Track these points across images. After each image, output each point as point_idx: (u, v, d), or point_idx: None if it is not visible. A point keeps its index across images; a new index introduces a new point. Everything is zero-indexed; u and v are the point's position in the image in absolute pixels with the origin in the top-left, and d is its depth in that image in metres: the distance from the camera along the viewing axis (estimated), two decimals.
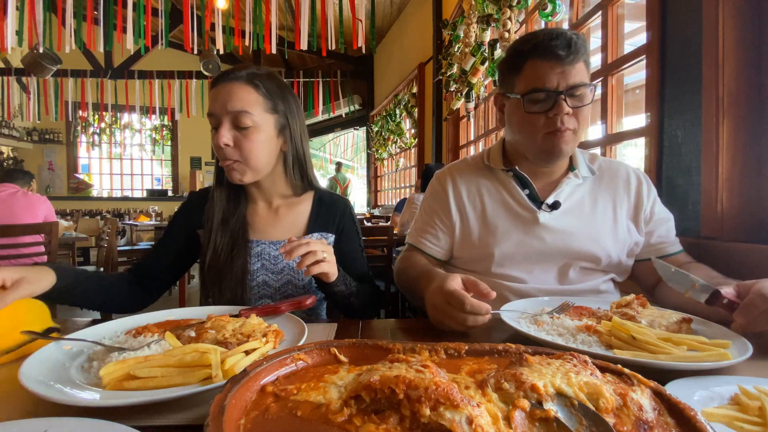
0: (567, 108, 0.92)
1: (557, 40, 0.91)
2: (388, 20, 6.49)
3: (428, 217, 1.15)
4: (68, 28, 3.64)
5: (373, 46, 3.86)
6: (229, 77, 0.98)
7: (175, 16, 4.75)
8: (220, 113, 0.97)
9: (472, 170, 1.14)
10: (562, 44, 0.91)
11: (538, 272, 1.04)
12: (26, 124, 7.80)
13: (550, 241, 1.02)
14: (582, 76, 0.94)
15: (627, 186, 1.08)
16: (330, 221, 1.14)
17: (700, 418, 0.35)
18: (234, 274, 1.02)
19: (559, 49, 0.91)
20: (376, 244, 2.85)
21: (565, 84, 0.92)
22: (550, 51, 0.92)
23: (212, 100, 0.99)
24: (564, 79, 0.92)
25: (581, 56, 0.93)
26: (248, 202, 1.12)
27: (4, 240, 2.55)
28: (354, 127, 8.87)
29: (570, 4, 2.22)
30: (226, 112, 0.97)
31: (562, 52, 0.90)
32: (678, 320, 0.72)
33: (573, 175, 1.07)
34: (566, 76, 0.92)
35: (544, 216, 1.03)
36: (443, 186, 1.14)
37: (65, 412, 0.46)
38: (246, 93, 0.98)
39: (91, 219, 6.44)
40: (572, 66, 0.92)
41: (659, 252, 1.05)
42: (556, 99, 0.93)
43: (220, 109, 0.97)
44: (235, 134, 0.98)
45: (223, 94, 0.97)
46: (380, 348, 0.50)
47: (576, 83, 0.92)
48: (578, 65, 0.93)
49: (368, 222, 5.10)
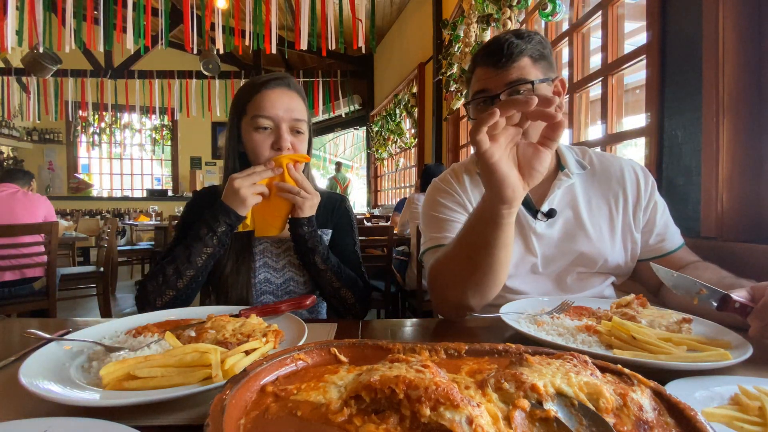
0: None
1: (492, 46, 0.95)
2: (388, 20, 6.49)
3: (442, 215, 1.08)
4: (68, 27, 3.64)
5: (373, 46, 3.86)
6: (284, 84, 1.05)
7: (175, 16, 4.75)
8: (279, 119, 1.01)
9: (471, 174, 1.12)
10: (495, 49, 0.93)
11: (537, 282, 1.03)
12: (26, 124, 7.80)
13: (547, 250, 1.02)
14: (522, 74, 0.92)
15: (621, 182, 1.04)
16: (327, 217, 1.16)
17: (700, 418, 0.35)
18: (242, 275, 1.04)
19: (492, 55, 0.94)
20: (376, 244, 2.85)
21: (500, 85, 0.93)
22: (485, 58, 0.96)
23: (269, 103, 1.01)
24: (500, 80, 0.93)
25: (520, 55, 0.93)
26: None
27: (4, 240, 2.55)
28: (354, 127, 8.87)
29: (570, 4, 2.22)
30: (288, 119, 1.02)
31: (495, 57, 0.93)
32: (678, 320, 0.72)
33: (563, 174, 1.03)
34: (501, 77, 0.93)
35: (541, 226, 1.02)
36: (449, 185, 1.11)
37: (65, 412, 0.46)
38: (299, 101, 1.06)
39: (91, 219, 6.45)
40: (508, 68, 0.93)
41: (660, 250, 1.02)
42: (494, 102, 0.93)
43: (283, 114, 1.02)
44: (291, 139, 1.04)
45: (283, 100, 1.02)
46: (380, 348, 0.50)
47: (510, 81, 0.92)
48: (517, 65, 0.93)
49: (368, 222, 5.10)
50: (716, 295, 0.68)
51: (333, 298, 1.04)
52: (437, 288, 0.94)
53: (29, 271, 2.74)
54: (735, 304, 0.66)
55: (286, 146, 1.02)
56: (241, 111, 1.04)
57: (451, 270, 0.88)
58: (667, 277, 0.75)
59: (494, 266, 0.79)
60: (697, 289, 0.70)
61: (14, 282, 2.70)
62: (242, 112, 1.04)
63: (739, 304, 0.66)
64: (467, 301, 0.87)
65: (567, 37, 2.23)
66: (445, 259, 0.89)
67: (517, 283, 1.02)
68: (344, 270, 1.06)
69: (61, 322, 0.85)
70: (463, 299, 0.87)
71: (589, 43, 2.15)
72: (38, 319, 1.63)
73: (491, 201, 0.72)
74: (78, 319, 0.91)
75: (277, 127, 1.02)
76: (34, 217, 2.87)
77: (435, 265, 0.94)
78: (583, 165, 1.07)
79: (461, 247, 0.84)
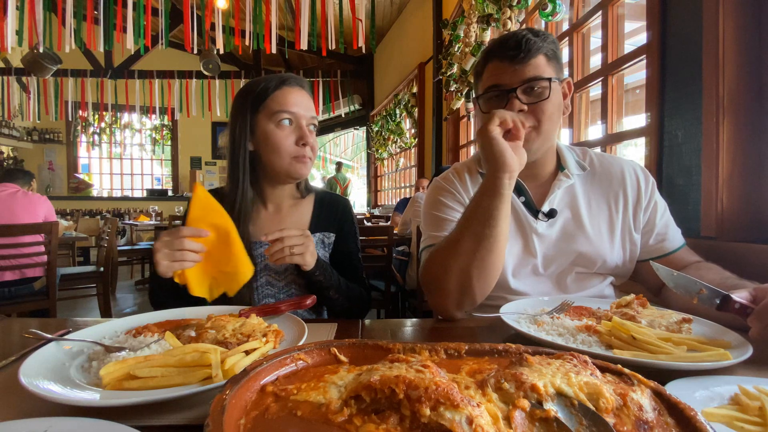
0: (520, 105, 0.92)
1: (509, 41, 0.94)
2: (388, 20, 6.48)
3: (443, 214, 1.08)
4: (68, 27, 3.64)
5: (373, 45, 3.86)
6: (302, 83, 1.09)
7: (175, 16, 4.75)
8: (301, 116, 1.05)
9: (473, 173, 1.12)
10: (513, 44, 0.93)
11: (538, 283, 1.03)
12: (26, 124, 7.79)
13: (547, 250, 1.02)
14: (538, 71, 0.92)
15: (621, 183, 1.04)
16: (331, 221, 1.16)
17: (700, 418, 0.35)
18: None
19: (509, 50, 0.93)
20: (376, 244, 2.85)
21: (517, 80, 0.92)
22: (502, 52, 0.95)
23: (289, 100, 1.04)
24: (516, 76, 0.93)
25: (537, 52, 0.93)
26: (253, 204, 1.12)
27: (4, 240, 2.55)
28: (354, 126, 8.87)
29: (570, 4, 2.22)
30: (308, 117, 1.06)
31: (512, 52, 0.93)
32: (678, 320, 0.72)
33: (563, 175, 1.04)
34: (518, 73, 0.92)
35: (542, 226, 1.02)
36: (451, 184, 1.11)
37: (65, 412, 0.46)
38: (312, 102, 1.11)
39: (91, 219, 6.44)
40: (525, 64, 0.92)
41: (660, 250, 1.02)
42: (509, 97, 0.93)
43: (303, 112, 1.05)
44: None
45: (303, 98, 1.07)
46: (380, 348, 0.50)
47: (529, 77, 0.92)
48: (533, 61, 0.92)
49: (368, 222, 5.10)
50: (717, 295, 0.68)
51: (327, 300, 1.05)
52: (437, 279, 0.93)
53: (29, 271, 2.74)
54: (735, 304, 0.66)
55: (311, 142, 1.06)
56: (257, 106, 1.04)
57: (454, 252, 0.89)
58: (667, 276, 0.75)
59: (498, 238, 0.86)
60: (698, 288, 0.70)
61: (14, 282, 2.70)
62: (259, 108, 1.04)
63: (740, 305, 0.66)
64: (471, 284, 0.88)
65: (567, 37, 2.23)
66: (447, 244, 0.91)
67: (518, 284, 1.02)
68: (351, 289, 1.08)
69: (61, 322, 0.85)
70: (467, 282, 0.88)
71: (589, 43, 2.15)
72: (38, 319, 1.63)
73: (494, 173, 0.84)
74: (78, 319, 0.91)
75: (299, 125, 1.05)
76: (34, 217, 2.87)
77: (433, 256, 0.95)
78: (583, 166, 1.07)
79: (466, 225, 0.89)
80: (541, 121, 0.93)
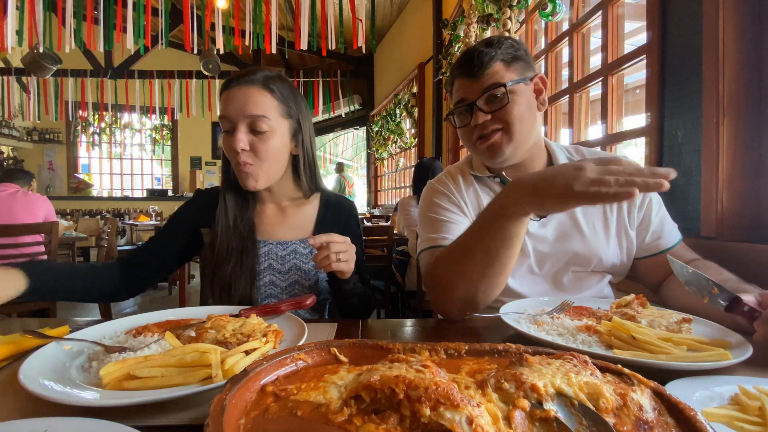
0: (483, 116, 0.97)
1: (464, 57, 1.00)
2: (388, 20, 6.48)
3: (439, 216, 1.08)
4: (68, 27, 3.64)
5: (373, 45, 3.86)
6: (244, 80, 0.97)
7: (175, 16, 4.74)
8: (236, 117, 0.96)
9: (466, 175, 1.12)
10: (467, 59, 0.98)
11: (534, 282, 1.03)
12: (26, 124, 7.79)
13: (540, 250, 1.02)
14: (495, 79, 0.96)
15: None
16: (336, 223, 1.15)
17: (700, 418, 0.35)
18: (244, 276, 1.02)
19: (465, 66, 0.99)
20: (376, 244, 2.85)
21: (476, 92, 0.97)
22: (460, 69, 1.01)
23: (226, 103, 0.97)
24: (475, 89, 0.98)
25: (491, 61, 0.96)
26: (256, 202, 1.12)
27: (4, 240, 2.55)
28: (354, 126, 8.86)
29: (570, 4, 2.22)
30: (243, 117, 0.95)
31: (467, 67, 0.99)
32: (678, 320, 0.72)
33: None
34: (476, 86, 0.98)
35: (533, 226, 1.02)
36: (445, 186, 1.11)
37: (65, 412, 0.46)
38: (262, 97, 0.97)
39: (91, 219, 6.44)
40: (481, 76, 0.97)
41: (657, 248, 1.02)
42: (473, 109, 0.98)
43: (237, 112, 0.95)
44: (251, 138, 0.97)
45: (239, 97, 0.96)
46: (380, 348, 0.50)
47: (485, 87, 0.96)
48: (489, 72, 0.96)
49: (368, 222, 5.10)
50: (727, 296, 0.68)
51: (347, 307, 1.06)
52: (441, 285, 0.92)
53: None
54: (744, 307, 0.66)
55: (239, 147, 0.94)
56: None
57: (463, 265, 0.87)
58: (681, 272, 0.74)
59: (511, 258, 0.83)
60: (710, 287, 0.70)
61: None
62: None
63: (748, 308, 0.66)
64: (476, 296, 0.87)
65: (567, 37, 2.23)
66: (456, 255, 0.89)
67: (516, 283, 1.02)
68: (366, 294, 1.08)
69: (61, 322, 0.85)
70: (472, 294, 0.87)
71: (589, 43, 2.15)
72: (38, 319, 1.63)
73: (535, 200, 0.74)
74: (78, 319, 0.91)
75: (237, 128, 0.96)
76: (34, 217, 2.87)
77: (438, 263, 0.94)
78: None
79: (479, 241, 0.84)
80: (510, 124, 0.96)
